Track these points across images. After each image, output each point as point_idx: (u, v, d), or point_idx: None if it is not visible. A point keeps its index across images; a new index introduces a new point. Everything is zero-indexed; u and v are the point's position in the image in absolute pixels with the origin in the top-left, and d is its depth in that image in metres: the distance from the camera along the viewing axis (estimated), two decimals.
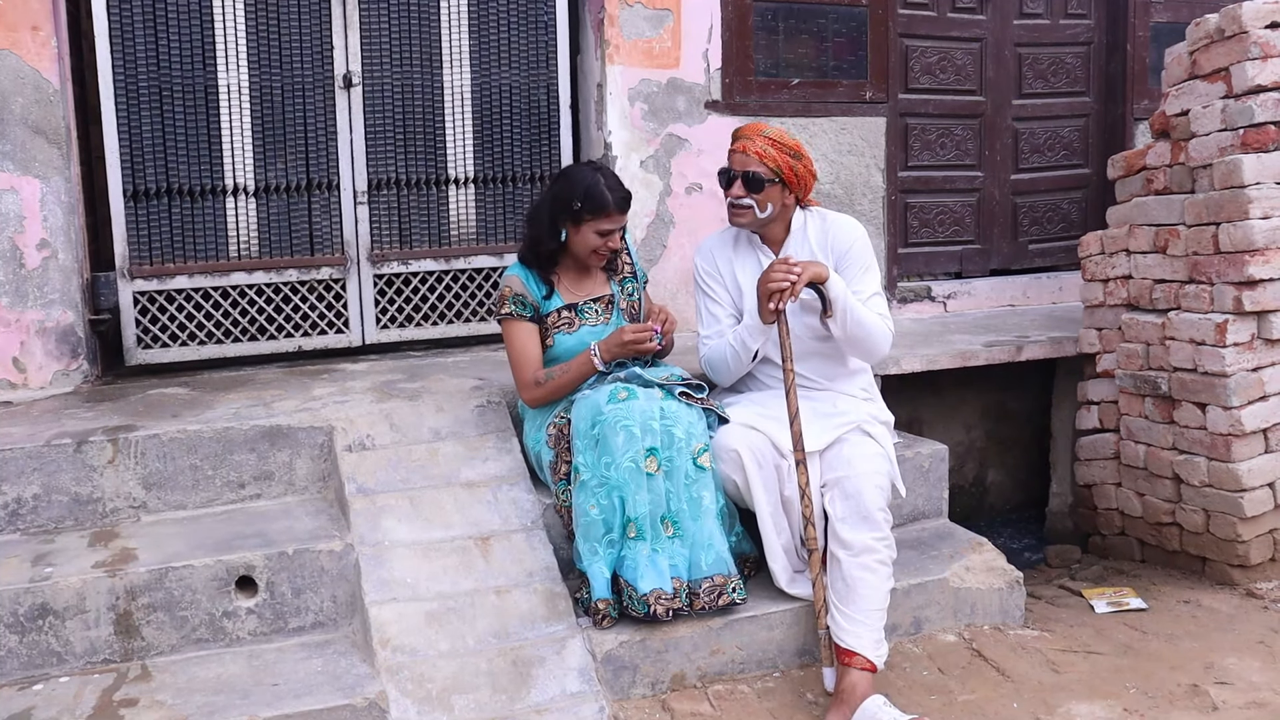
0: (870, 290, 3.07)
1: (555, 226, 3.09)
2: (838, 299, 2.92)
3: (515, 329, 3.12)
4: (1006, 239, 5.26)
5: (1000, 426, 4.97)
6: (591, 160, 4.16)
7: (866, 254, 3.10)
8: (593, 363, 3.03)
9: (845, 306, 2.93)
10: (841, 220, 3.15)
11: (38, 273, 3.68)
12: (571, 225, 3.07)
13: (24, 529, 3.00)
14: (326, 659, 2.73)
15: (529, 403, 3.15)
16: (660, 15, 4.36)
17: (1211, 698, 2.78)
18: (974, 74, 5.08)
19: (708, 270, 3.21)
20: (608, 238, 3.08)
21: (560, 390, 3.07)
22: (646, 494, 2.79)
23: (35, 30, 3.60)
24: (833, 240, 3.11)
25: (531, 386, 3.10)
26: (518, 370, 3.12)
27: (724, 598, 2.84)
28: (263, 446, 3.17)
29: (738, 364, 3.11)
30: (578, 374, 3.05)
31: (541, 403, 3.12)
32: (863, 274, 3.08)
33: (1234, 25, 3.56)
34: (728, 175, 3.07)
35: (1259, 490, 3.55)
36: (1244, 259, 3.48)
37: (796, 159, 3.04)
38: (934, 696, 2.81)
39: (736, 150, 3.06)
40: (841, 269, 3.04)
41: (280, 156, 4.01)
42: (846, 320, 2.94)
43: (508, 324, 3.13)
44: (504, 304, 3.12)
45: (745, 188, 3.03)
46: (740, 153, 3.04)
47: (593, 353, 3.03)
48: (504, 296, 3.12)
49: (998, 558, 3.29)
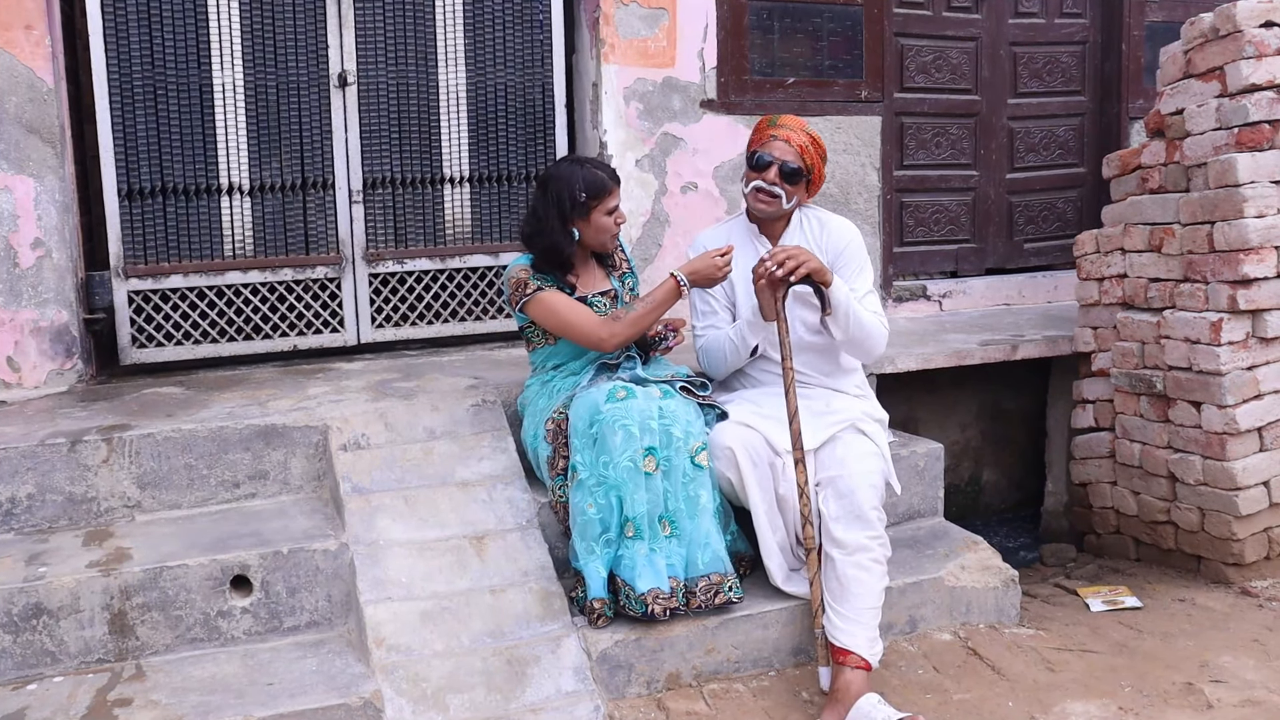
0: (865, 289, 3.10)
1: (568, 228, 3.07)
2: (840, 302, 2.92)
3: (551, 297, 3.04)
4: (1002, 238, 5.26)
5: (996, 425, 4.97)
6: (564, 156, 4.14)
7: (861, 253, 3.14)
8: (679, 289, 2.98)
9: (847, 309, 2.94)
10: (837, 220, 3.20)
11: (32, 272, 3.67)
12: (582, 219, 3.07)
13: (18, 528, 2.99)
14: (321, 658, 2.73)
15: (612, 346, 3.01)
16: (655, 14, 4.35)
17: (1206, 696, 2.78)
18: (969, 73, 5.08)
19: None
20: (615, 214, 3.10)
21: (642, 321, 3.00)
22: (645, 493, 2.79)
23: (29, 29, 3.58)
24: (829, 240, 3.14)
25: (609, 325, 2.99)
26: (581, 326, 3.00)
27: (720, 596, 2.84)
28: (257, 446, 3.16)
29: (735, 358, 3.12)
30: (661, 301, 2.99)
31: (624, 341, 3.02)
32: (858, 273, 3.12)
33: (1228, 24, 3.57)
34: (763, 160, 3.07)
35: (1254, 489, 3.56)
36: (1239, 258, 3.48)
37: (823, 162, 3.13)
38: (929, 695, 2.81)
39: (778, 138, 3.06)
40: (837, 268, 3.07)
41: (275, 155, 4.00)
42: (849, 322, 2.95)
43: (542, 297, 3.03)
44: (526, 285, 3.05)
45: (780, 176, 3.04)
46: (784, 142, 3.06)
47: (679, 280, 2.99)
48: (523, 280, 3.06)
49: (993, 556, 3.29)
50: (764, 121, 3.15)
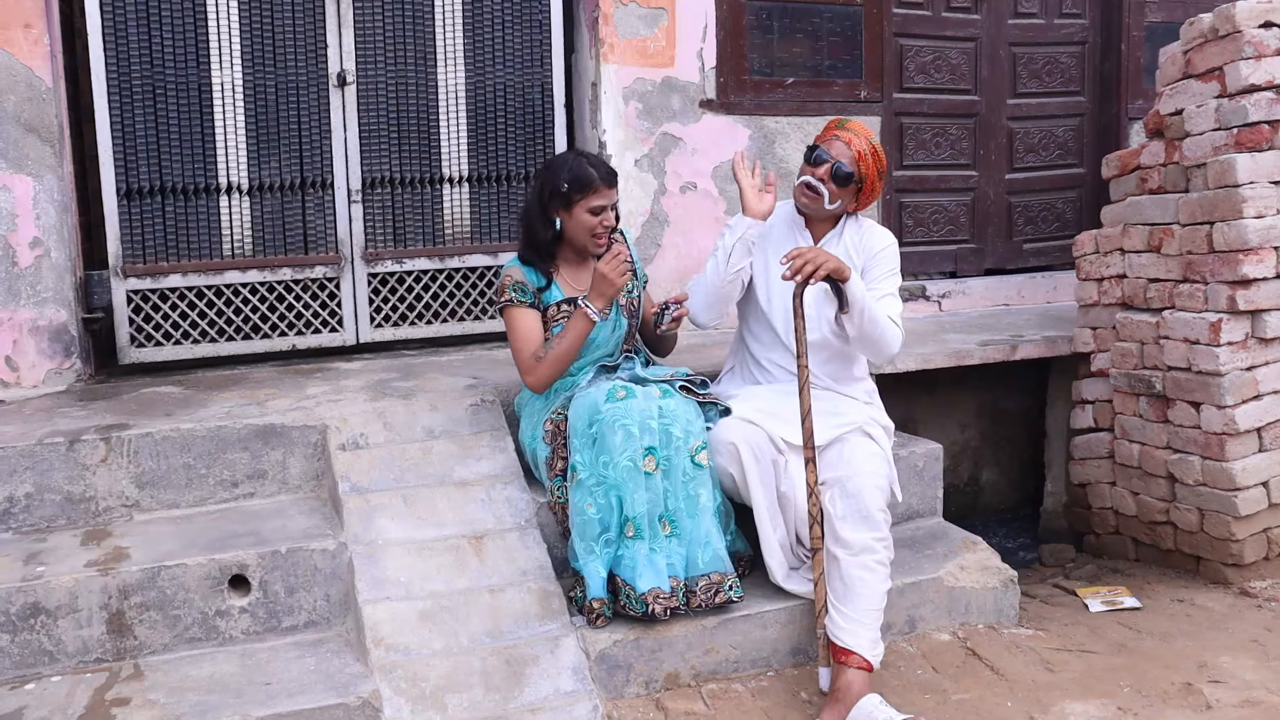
0: (887, 290, 3.11)
1: (547, 215, 3.06)
2: (855, 298, 2.92)
3: (516, 315, 3.06)
4: (1001, 238, 5.26)
5: (995, 426, 4.97)
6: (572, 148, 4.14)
7: (893, 260, 3.16)
8: (586, 315, 2.95)
9: (862, 305, 2.94)
10: (878, 229, 3.22)
11: (30, 271, 3.66)
12: (564, 211, 3.04)
13: (16, 528, 2.98)
14: (320, 658, 2.72)
15: (533, 386, 3.04)
16: (655, 14, 4.35)
17: (1205, 696, 2.78)
18: (969, 73, 5.08)
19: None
20: (601, 216, 3.04)
21: (562, 360, 2.98)
22: (645, 493, 2.79)
23: (28, 28, 3.58)
24: (866, 242, 3.16)
25: (532, 364, 3.00)
26: (519, 355, 3.04)
27: (720, 595, 2.84)
28: (256, 445, 3.16)
29: (715, 276, 3.06)
30: (575, 335, 2.97)
31: (546, 381, 3.01)
32: (887, 276, 3.14)
33: (1228, 25, 3.57)
34: (819, 156, 3.06)
35: (1253, 489, 3.55)
36: (1238, 258, 3.48)
37: (880, 177, 3.10)
38: (928, 695, 2.81)
39: (840, 139, 3.06)
40: (869, 268, 3.11)
41: (274, 155, 4.00)
42: (862, 319, 2.95)
43: (508, 312, 3.07)
44: (504, 293, 3.08)
45: (831, 176, 3.04)
46: (844, 144, 3.05)
47: (583, 304, 2.96)
48: (503, 286, 3.09)
49: (992, 557, 3.29)
50: (834, 121, 3.16)
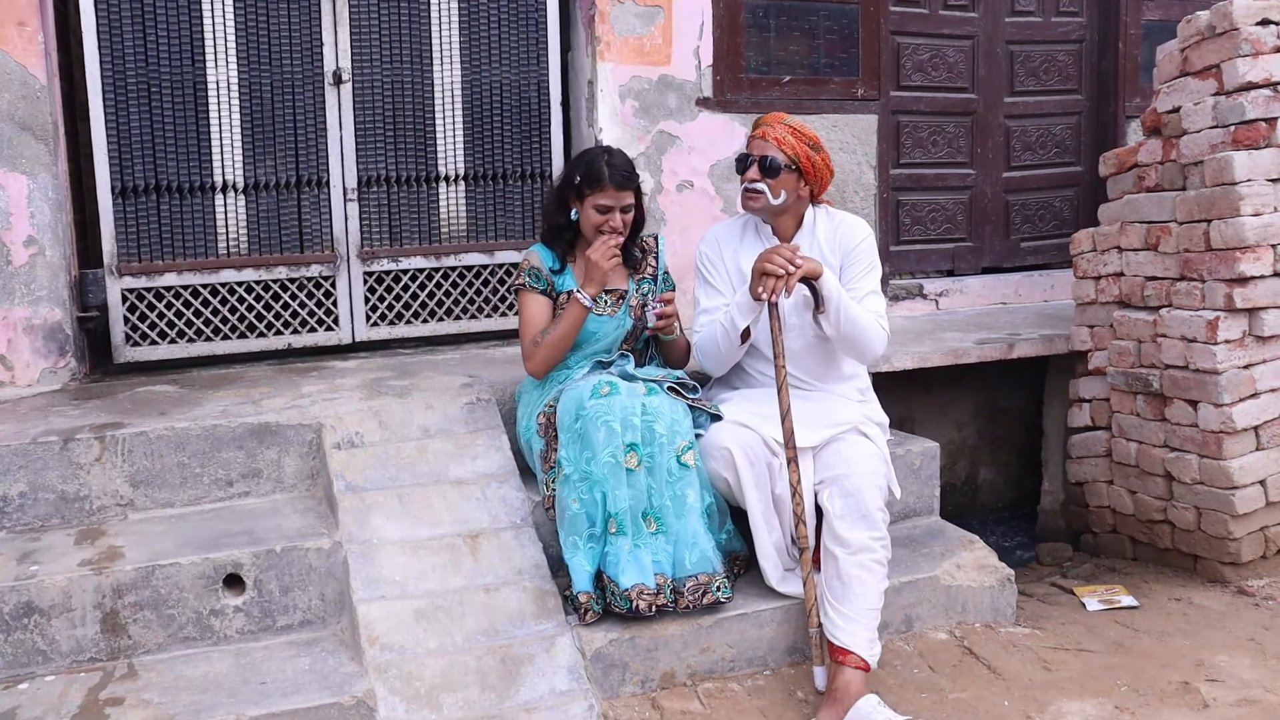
0: (869, 288, 3.08)
1: (563, 203, 3.16)
2: (830, 296, 2.91)
3: (526, 298, 3.15)
4: (998, 236, 5.26)
5: (992, 424, 4.96)
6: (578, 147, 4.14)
7: (871, 254, 3.13)
8: (579, 300, 3.04)
9: (838, 303, 2.92)
10: (850, 219, 3.18)
11: (25, 270, 3.65)
12: (577, 202, 3.12)
13: (9, 527, 2.97)
14: (314, 657, 2.71)
15: (531, 370, 3.13)
16: (651, 12, 4.34)
17: (1202, 695, 2.78)
18: (966, 71, 5.07)
19: (710, 257, 3.21)
20: (607, 215, 3.07)
21: (556, 345, 3.06)
22: (627, 489, 2.78)
23: (22, 25, 3.57)
24: (841, 238, 3.13)
25: (531, 349, 3.09)
26: (522, 338, 3.14)
27: (708, 596, 2.83)
28: (251, 444, 3.15)
29: (727, 345, 3.07)
30: (569, 321, 3.05)
31: (542, 365, 3.09)
32: (866, 273, 3.11)
33: (1225, 22, 3.56)
34: (745, 160, 3.08)
35: (1250, 487, 3.55)
36: (1235, 256, 3.48)
37: (815, 150, 3.07)
38: (925, 694, 2.80)
39: (756, 136, 3.09)
40: (846, 265, 3.09)
41: (270, 153, 3.99)
42: (840, 318, 2.94)
43: (520, 294, 3.17)
44: (519, 275, 3.17)
45: (760, 172, 3.04)
46: (760, 138, 3.07)
47: (576, 290, 3.05)
48: (521, 269, 3.18)
49: (989, 555, 3.28)
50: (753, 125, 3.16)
